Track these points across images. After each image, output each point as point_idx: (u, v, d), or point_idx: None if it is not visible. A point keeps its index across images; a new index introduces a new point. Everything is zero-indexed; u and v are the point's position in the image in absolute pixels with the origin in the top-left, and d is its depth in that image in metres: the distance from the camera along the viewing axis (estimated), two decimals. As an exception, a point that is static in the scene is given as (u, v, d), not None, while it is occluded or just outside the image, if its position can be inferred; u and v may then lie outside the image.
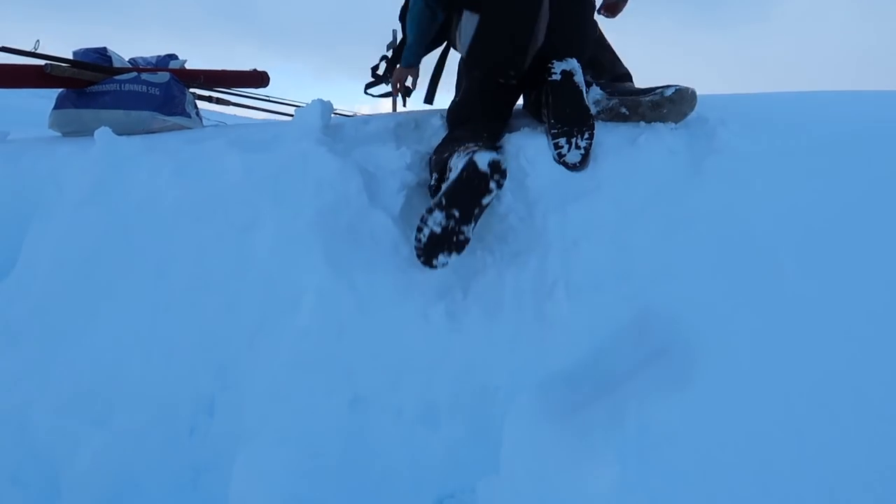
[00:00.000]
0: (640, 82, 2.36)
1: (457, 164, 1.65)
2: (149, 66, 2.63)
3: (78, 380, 1.53)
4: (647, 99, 1.98)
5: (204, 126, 2.61)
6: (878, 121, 2.07)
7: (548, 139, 1.88)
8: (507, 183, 1.74)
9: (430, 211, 1.62)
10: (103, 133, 1.82)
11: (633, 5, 2.69)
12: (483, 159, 1.59)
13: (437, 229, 1.60)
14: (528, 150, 1.88)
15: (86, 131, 2.32)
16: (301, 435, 1.47)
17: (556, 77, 1.90)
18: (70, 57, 2.40)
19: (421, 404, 1.54)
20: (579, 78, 1.91)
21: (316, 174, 1.70)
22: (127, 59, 2.67)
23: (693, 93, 1.97)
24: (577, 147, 1.85)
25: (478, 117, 2.04)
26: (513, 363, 1.57)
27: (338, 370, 1.53)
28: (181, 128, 2.41)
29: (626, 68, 2.36)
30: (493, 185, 1.61)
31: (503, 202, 1.78)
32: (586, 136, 1.86)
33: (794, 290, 1.47)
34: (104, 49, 2.57)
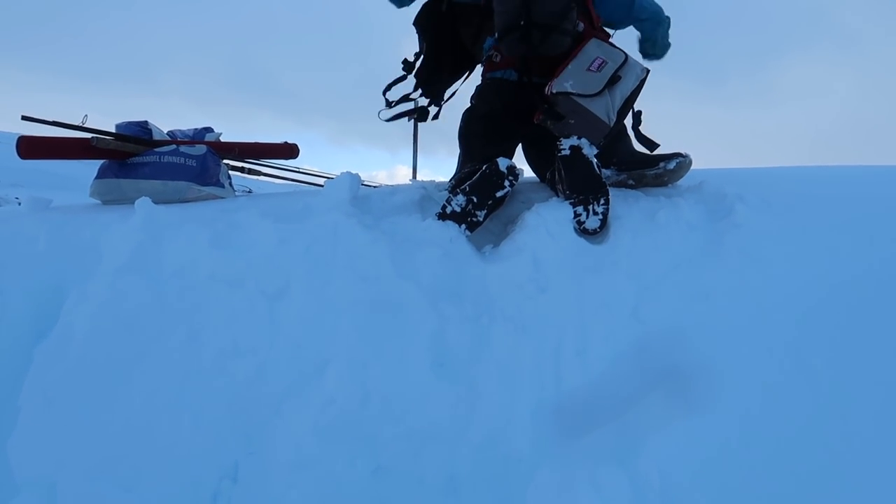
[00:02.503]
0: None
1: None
2: (186, 139, 2.76)
3: (108, 444, 1.56)
4: (651, 172, 2.21)
5: (236, 195, 2.71)
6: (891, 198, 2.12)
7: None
8: (528, 255, 1.81)
9: (454, 193, 2.01)
10: (143, 203, 1.91)
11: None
12: (503, 162, 2.03)
13: (458, 209, 1.99)
14: (551, 222, 1.94)
15: (125, 200, 2.42)
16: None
17: (566, 152, 2.05)
18: (112, 129, 2.54)
19: (443, 474, 1.55)
20: (588, 150, 2.04)
21: (346, 245, 1.77)
22: (166, 132, 2.81)
23: (690, 161, 2.22)
24: (595, 213, 1.95)
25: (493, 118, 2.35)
26: (535, 434, 1.58)
27: (361, 438, 1.54)
28: (215, 197, 2.51)
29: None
30: (507, 182, 2.02)
31: (523, 272, 1.82)
32: (602, 202, 1.96)
33: (813, 369, 1.49)
34: (145, 122, 2.71)
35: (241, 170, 2.97)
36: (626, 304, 1.72)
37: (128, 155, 2.46)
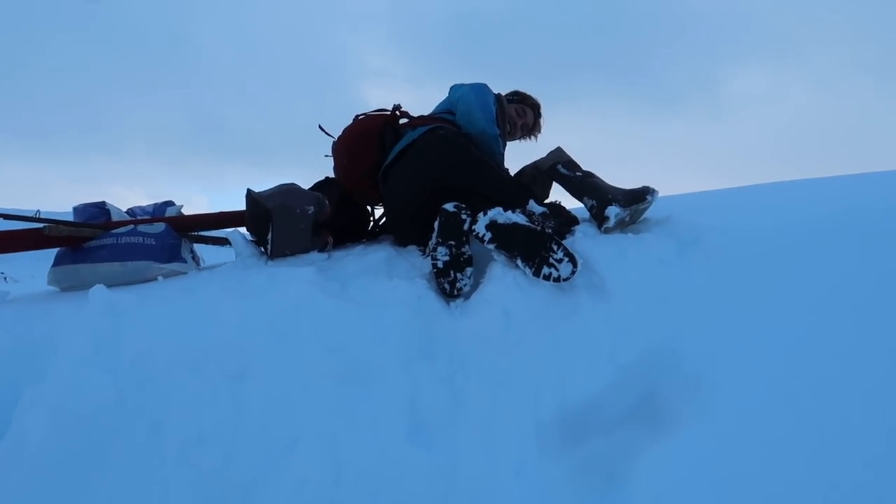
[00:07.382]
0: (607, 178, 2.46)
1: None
2: (146, 216, 2.70)
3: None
4: (643, 207, 2.24)
5: (200, 268, 2.64)
6: (860, 208, 2.11)
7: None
8: (498, 308, 1.76)
9: (434, 249, 2.02)
10: (98, 290, 1.84)
11: (594, 103, 2.82)
12: (448, 206, 2.07)
13: (447, 258, 2.00)
14: (518, 271, 1.89)
15: (84, 285, 2.34)
16: None
17: (487, 235, 2.01)
18: (70, 209, 2.48)
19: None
20: (504, 217, 2.01)
21: (310, 316, 1.71)
22: (125, 210, 2.75)
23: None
24: (559, 260, 1.87)
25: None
26: (520, 494, 1.51)
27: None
28: (177, 274, 2.44)
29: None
30: (464, 215, 2.06)
31: (495, 326, 1.76)
32: (555, 248, 1.89)
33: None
34: (103, 203, 2.65)
35: (206, 241, 2.91)
36: (603, 349, 1.67)
37: (84, 240, 2.40)
